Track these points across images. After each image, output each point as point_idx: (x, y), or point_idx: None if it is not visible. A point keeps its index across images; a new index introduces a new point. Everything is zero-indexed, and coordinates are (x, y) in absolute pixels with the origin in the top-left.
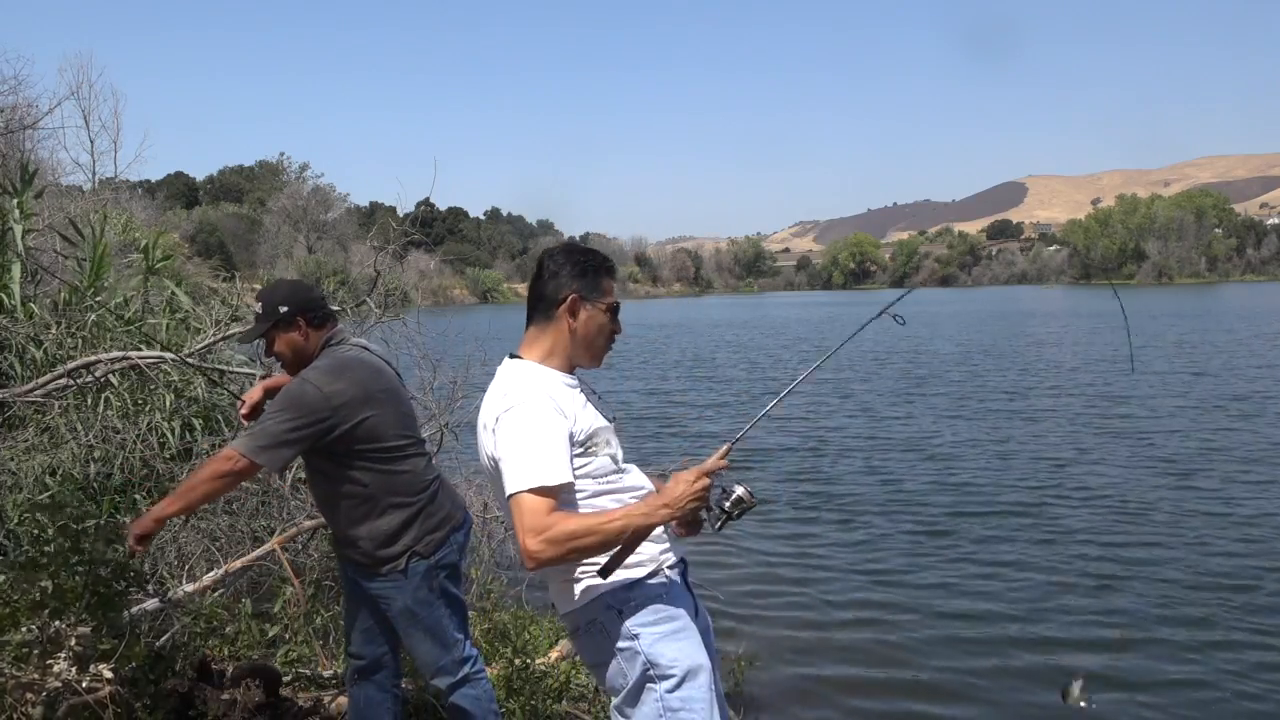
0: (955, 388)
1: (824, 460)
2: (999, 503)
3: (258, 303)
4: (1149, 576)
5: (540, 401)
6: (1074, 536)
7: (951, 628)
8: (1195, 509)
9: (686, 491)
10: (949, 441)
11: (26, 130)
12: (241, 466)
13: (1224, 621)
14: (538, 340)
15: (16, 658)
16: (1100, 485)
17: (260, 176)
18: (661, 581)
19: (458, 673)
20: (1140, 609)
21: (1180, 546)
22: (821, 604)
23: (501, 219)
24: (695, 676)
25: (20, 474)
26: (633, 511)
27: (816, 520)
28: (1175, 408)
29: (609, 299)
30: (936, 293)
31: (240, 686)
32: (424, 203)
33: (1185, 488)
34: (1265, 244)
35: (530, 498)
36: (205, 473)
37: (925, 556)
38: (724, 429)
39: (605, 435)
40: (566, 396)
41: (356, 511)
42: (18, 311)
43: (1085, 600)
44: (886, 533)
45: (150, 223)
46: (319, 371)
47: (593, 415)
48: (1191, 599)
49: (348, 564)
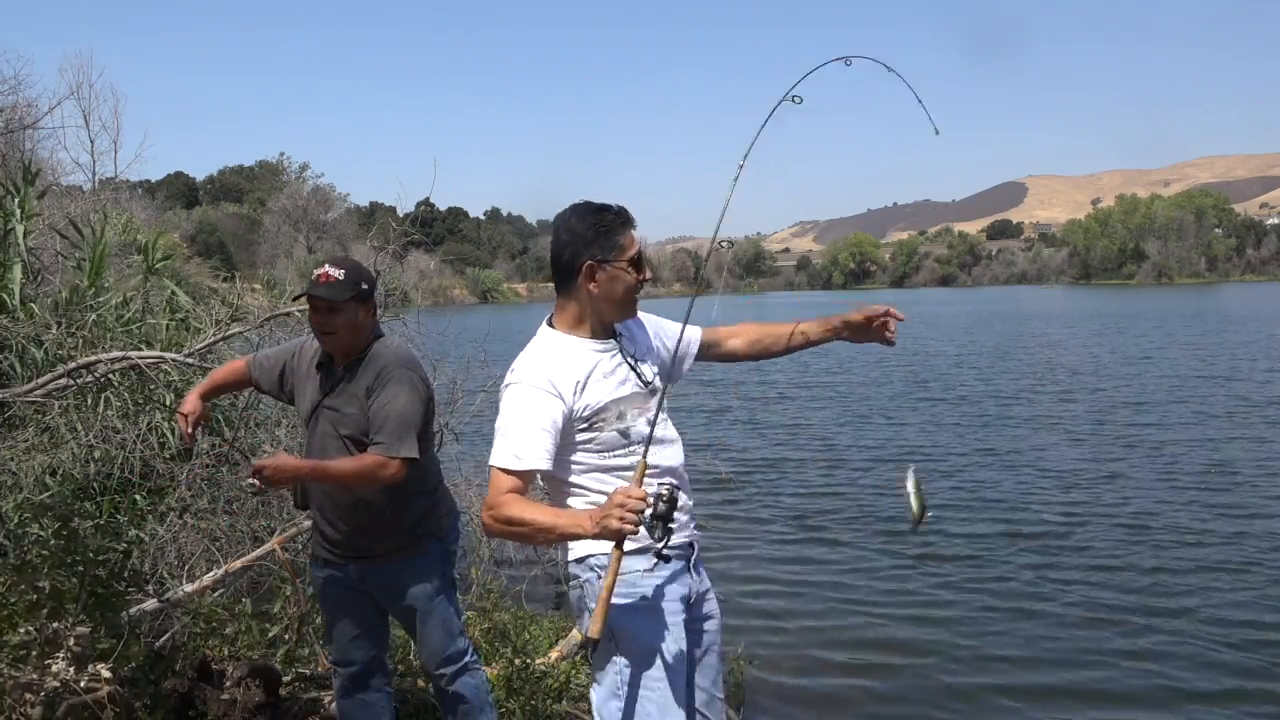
0: (959, 391)
1: (826, 464)
2: (999, 503)
3: (338, 269)
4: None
5: (535, 383)
6: (1073, 543)
7: (952, 627)
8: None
9: (599, 514)
10: (948, 443)
11: (26, 130)
12: (394, 470)
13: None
14: (565, 308)
15: (15, 658)
16: (1115, 501)
17: (260, 176)
18: (648, 560)
19: (461, 661)
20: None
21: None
22: (822, 605)
23: (501, 219)
24: (652, 656)
25: (20, 474)
26: (566, 517)
27: (817, 521)
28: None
29: (629, 252)
30: (937, 293)
31: (240, 686)
32: (424, 203)
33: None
34: (1265, 244)
35: (497, 473)
36: (353, 468)
37: (925, 557)
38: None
39: (618, 408)
40: (574, 371)
41: (386, 501)
42: (18, 311)
43: (1089, 601)
44: (887, 535)
45: (150, 223)
46: (412, 362)
47: (609, 387)
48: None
49: (350, 563)
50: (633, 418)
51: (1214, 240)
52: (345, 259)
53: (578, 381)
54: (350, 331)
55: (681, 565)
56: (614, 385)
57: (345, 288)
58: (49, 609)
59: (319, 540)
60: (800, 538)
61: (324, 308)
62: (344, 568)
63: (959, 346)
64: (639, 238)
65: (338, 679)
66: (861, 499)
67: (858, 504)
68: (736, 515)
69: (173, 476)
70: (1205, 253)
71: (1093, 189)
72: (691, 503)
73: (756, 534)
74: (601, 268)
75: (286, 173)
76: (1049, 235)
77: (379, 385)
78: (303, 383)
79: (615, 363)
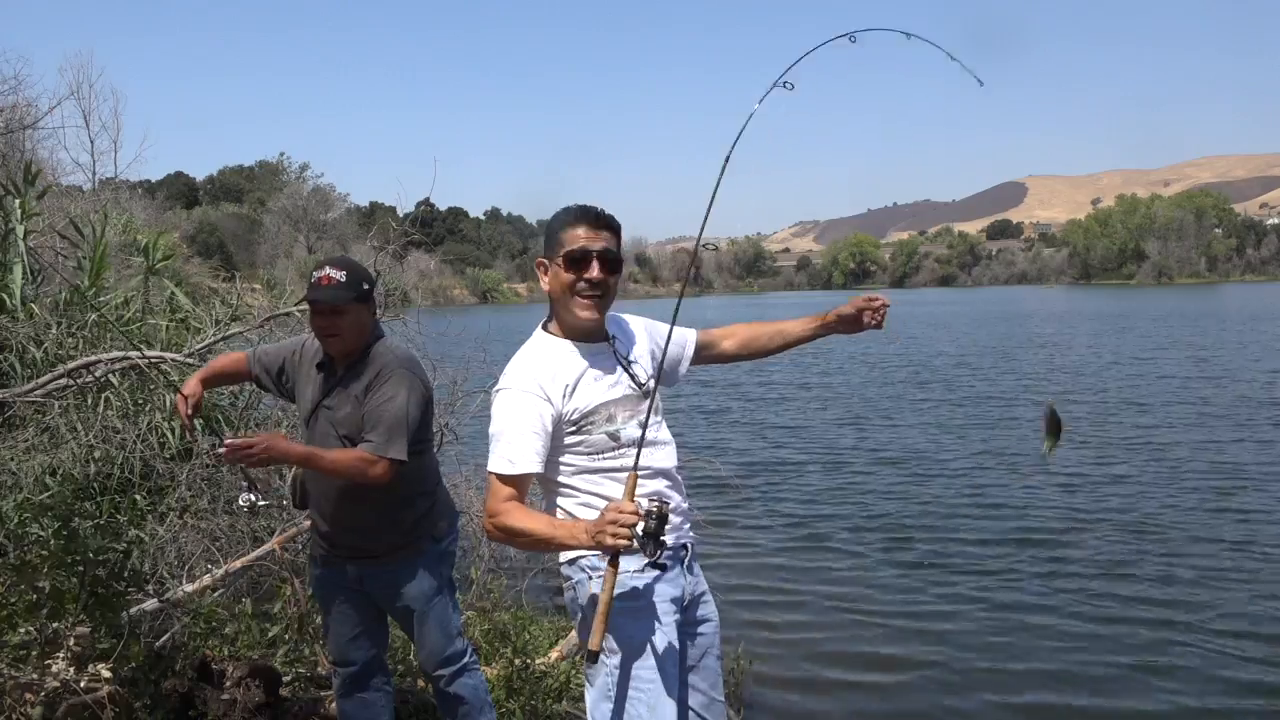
0: (961, 392)
1: (827, 467)
2: (1002, 508)
3: (339, 270)
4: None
5: (523, 387)
6: (1070, 543)
7: (954, 634)
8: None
9: (594, 528)
10: (951, 447)
11: (26, 130)
12: (381, 470)
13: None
14: (552, 311)
15: (15, 658)
16: (1121, 507)
17: (260, 176)
18: (638, 560)
19: (460, 662)
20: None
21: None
22: (822, 606)
23: (501, 219)
24: (643, 657)
25: (20, 474)
26: (563, 529)
27: (818, 523)
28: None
29: (567, 248)
30: (937, 293)
31: (240, 686)
32: (424, 203)
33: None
34: (1265, 244)
35: (494, 480)
36: (343, 460)
37: (927, 559)
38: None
39: (608, 410)
40: (563, 375)
41: (386, 500)
42: (18, 312)
43: (1094, 611)
44: (888, 536)
45: (150, 223)
46: (412, 363)
47: (601, 389)
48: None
49: (348, 563)
50: (623, 420)
51: (1214, 240)
52: (344, 259)
53: (567, 385)
54: (355, 333)
55: (675, 566)
56: (605, 388)
57: (348, 290)
58: (49, 609)
59: (317, 540)
60: (801, 540)
61: (328, 310)
62: (342, 568)
63: (960, 347)
64: (603, 235)
65: (337, 679)
66: (863, 502)
67: (859, 507)
68: (737, 518)
69: (173, 476)
70: (1205, 253)
71: (1093, 189)
72: (686, 504)
73: (757, 537)
74: (548, 267)
75: (286, 173)
76: (1049, 235)
77: (377, 383)
78: (303, 382)
79: (607, 364)
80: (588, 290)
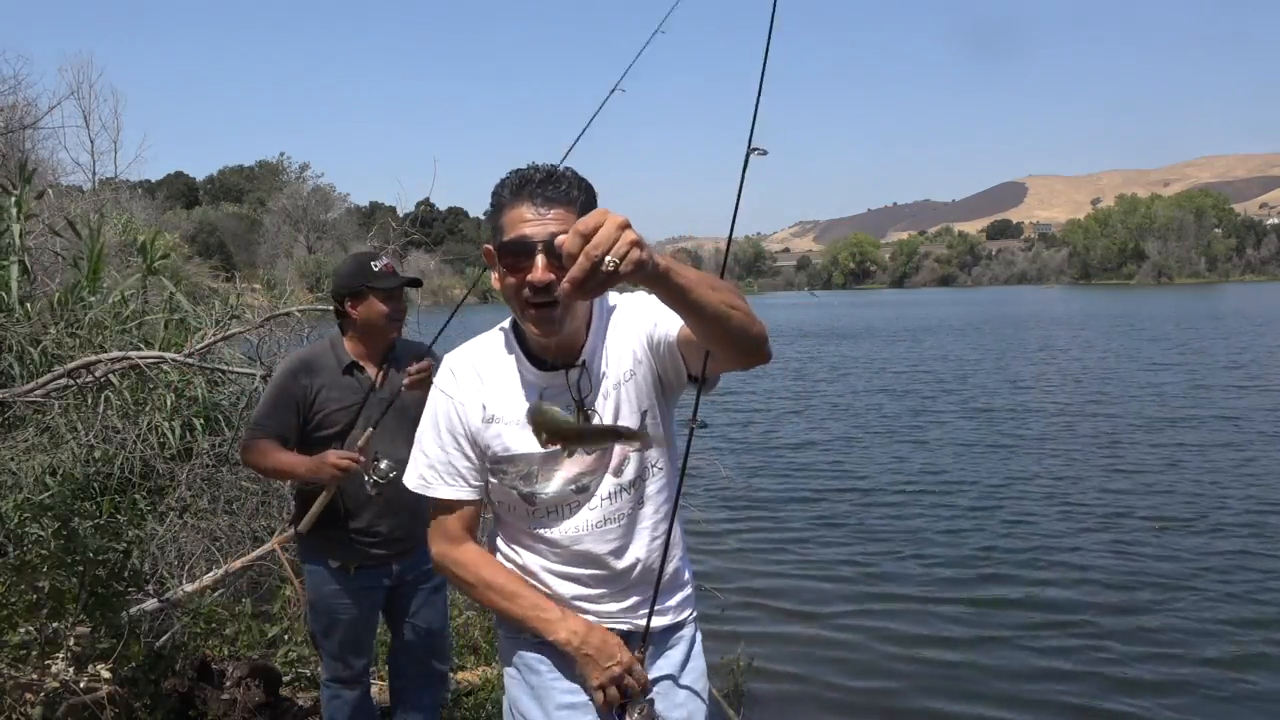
0: (972, 404)
1: (828, 469)
2: (999, 507)
3: (387, 260)
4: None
5: (437, 407)
6: (1070, 542)
7: (958, 641)
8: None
9: (580, 652)
10: (951, 449)
11: (26, 130)
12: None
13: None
14: None
15: (15, 658)
16: (1142, 528)
17: (260, 176)
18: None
19: (445, 664)
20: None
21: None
22: (823, 608)
23: None
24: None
25: (20, 474)
26: (544, 615)
27: (819, 524)
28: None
29: (504, 235)
30: (937, 293)
31: (240, 686)
32: (424, 202)
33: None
34: (1265, 244)
35: (431, 506)
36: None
37: (927, 559)
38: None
39: (526, 467)
40: (489, 402)
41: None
42: (17, 311)
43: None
44: (888, 537)
45: (150, 223)
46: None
47: (522, 437)
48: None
49: (394, 561)
50: (544, 480)
51: (1214, 240)
52: (379, 252)
53: (484, 414)
54: (402, 318)
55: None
56: (530, 436)
57: (399, 279)
58: (49, 609)
59: (361, 547)
60: (801, 540)
61: (399, 295)
62: (388, 567)
63: (961, 349)
64: (554, 214)
65: (328, 690)
66: (863, 502)
67: (859, 507)
68: (739, 528)
69: (173, 476)
70: (1205, 253)
71: (1092, 189)
72: (641, 596)
73: (759, 536)
74: (494, 261)
75: (286, 173)
76: (1049, 235)
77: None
78: (337, 395)
79: (556, 402)
80: (533, 298)
